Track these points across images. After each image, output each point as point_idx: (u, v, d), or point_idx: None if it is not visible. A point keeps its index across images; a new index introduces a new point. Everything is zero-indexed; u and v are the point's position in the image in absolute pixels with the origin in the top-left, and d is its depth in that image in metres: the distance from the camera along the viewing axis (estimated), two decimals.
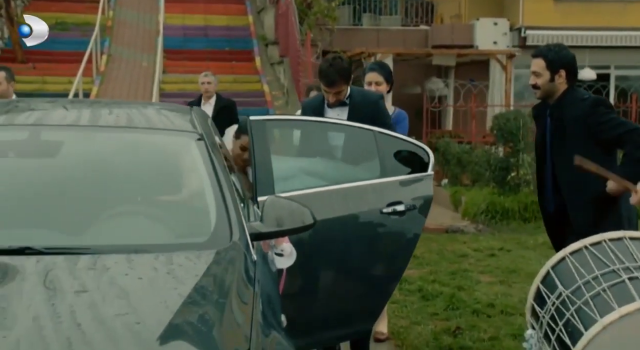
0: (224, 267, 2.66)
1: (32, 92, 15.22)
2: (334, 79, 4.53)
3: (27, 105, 3.69)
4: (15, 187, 3.01)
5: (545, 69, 4.08)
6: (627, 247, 2.51)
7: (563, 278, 2.53)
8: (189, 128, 3.36)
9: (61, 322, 2.17)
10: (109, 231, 2.84)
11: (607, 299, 2.37)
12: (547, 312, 2.53)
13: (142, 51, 17.49)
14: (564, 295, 2.47)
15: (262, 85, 16.29)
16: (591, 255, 2.53)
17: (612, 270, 2.45)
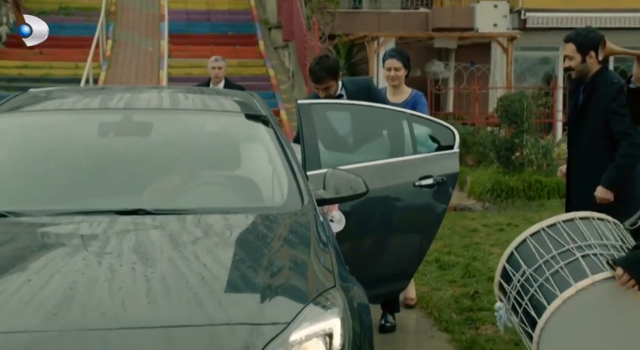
0: (301, 225, 3.29)
1: (40, 77, 15.79)
2: (321, 75, 5.14)
3: (113, 91, 4.30)
4: (117, 162, 3.64)
5: (576, 52, 4.59)
6: (578, 227, 2.87)
7: (526, 258, 2.89)
8: (257, 110, 3.99)
9: (191, 264, 2.81)
10: (200, 197, 3.47)
11: (565, 276, 2.75)
12: (513, 288, 2.91)
13: (147, 36, 18.00)
14: (527, 274, 2.84)
15: (266, 69, 16.82)
16: (548, 237, 2.88)
17: (567, 249, 2.81)
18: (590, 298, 2.66)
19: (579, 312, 2.65)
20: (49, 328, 2.36)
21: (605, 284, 2.63)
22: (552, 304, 2.67)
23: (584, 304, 2.65)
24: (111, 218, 3.14)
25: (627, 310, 2.63)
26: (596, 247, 2.72)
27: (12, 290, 2.55)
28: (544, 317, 2.68)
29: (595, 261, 2.67)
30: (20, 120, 3.86)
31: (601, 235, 2.77)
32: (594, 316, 2.67)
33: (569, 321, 2.66)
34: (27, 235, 3.03)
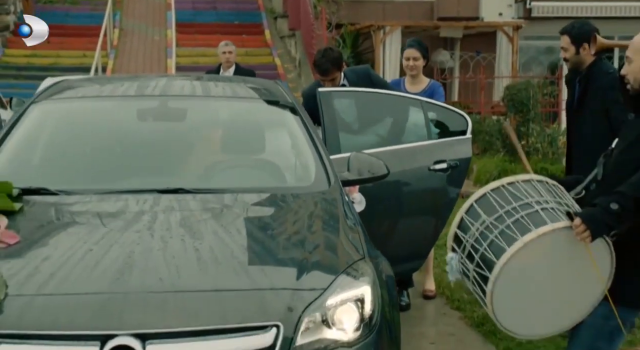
0: (329, 203, 3.59)
1: (48, 65, 16.08)
2: (327, 67, 5.47)
3: (147, 80, 4.61)
4: (156, 145, 3.94)
5: (571, 44, 4.89)
6: (535, 187, 3.06)
7: (485, 209, 3.03)
8: (284, 98, 4.29)
9: (234, 236, 3.12)
10: (234, 178, 3.78)
11: (525, 223, 2.91)
12: (471, 237, 3.02)
13: (153, 25, 18.28)
14: (488, 222, 2.98)
15: (273, 58, 17.11)
16: (508, 192, 3.04)
17: (526, 202, 2.98)
18: (547, 243, 2.87)
19: (536, 255, 2.85)
20: (114, 290, 2.67)
21: (563, 232, 2.85)
22: (512, 246, 2.85)
23: (541, 248, 2.86)
24: (155, 196, 3.44)
25: (575, 258, 2.88)
26: (551, 203, 2.93)
27: (77, 258, 2.86)
28: (504, 258, 2.85)
29: (552, 213, 2.88)
30: (65, 107, 4.17)
31: (555, 195, 2.99)
32: (547, 260, 2.90)
33: (525, 263, 2.86)
34: (81, 211, 3.33)
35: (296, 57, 16.85)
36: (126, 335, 2.51)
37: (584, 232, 2.85)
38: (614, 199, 2.89)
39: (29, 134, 3.92)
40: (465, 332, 5.12)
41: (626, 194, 2.89)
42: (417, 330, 5.03)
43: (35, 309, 2.63)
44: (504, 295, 2.91)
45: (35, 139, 3.93)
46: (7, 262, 2.82)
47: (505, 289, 2.88)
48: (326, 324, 2.79)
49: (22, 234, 3.02)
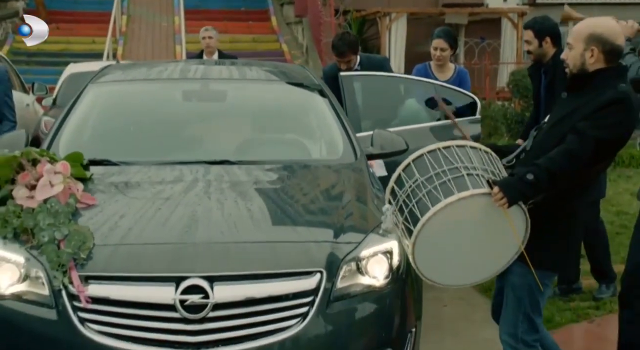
0: (357, 173, 4.16)
1: (59, 51, 16.62)
2: (344, 50, 6.07)
3: (188, 64, 5.16)
4: (201, 122, 4.50)
5: (534, 38, 5.34)
6: (467, 153, 3.30)
7: (419, 169, 3.27)
8: (312, 81, 4.85)
9: (279, 199, 3.69)
10: (272, 151, 4.34)
11: (450, 186, 3.17)
12: (404, 192, 3.29)
13: (160, 12, 18.80)
14: (419, 181, 3.23)
15: (280, 45, 17.65)
16: (442, 155, 3.29)
17: (455, 167, 3.23)
18: (466, 206, 3.13)
19: (455, 216, 3.13)
20: (185, 241, 3.23)
21: (482, 198, 3.13)
22: (435, 206, 3.12)
23: (460, 210, 3.13)
24: (205, 166, 4.00)
25: (493, 221, 3.16)
26: (478, 169, 3.20)
27: (149, 215, 3.42)
28: (427, 216, 3.12)
29: (476, 179, 3.16)
30: (118, 89, 4.73)
31: (484, 162, 3.27)
32: (466, 220, 3.17)
33: (445, 223, 3.13)
34: (144, 178, 3.89)
35: (303, 44, 17.37)
36: (197, 277, 3.08)
37: (501, 199, 3.12)
38: (530, 170, 3.13)
39: (87, 113, 4.47)
40: (474, 297, 5.69)
41: (541, 166, 3.13)
42: (431, 294, 5.57)
43: (119, 256, 3.20)
44: (425, 248, 3.16)
45: (92, 117, 4.48)
46: (90, 219, 3.38)
47: (426, 242, 3.17)
48: (360, 272, 3.36)
49: (96, 197, 3.58)
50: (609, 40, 3.23)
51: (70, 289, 3.10)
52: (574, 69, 3.30)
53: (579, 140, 3.14)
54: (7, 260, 3.23)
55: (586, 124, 3.15)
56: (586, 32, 3.26)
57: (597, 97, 3.19)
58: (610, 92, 3.18)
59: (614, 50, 3.25)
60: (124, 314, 3.06)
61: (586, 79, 3.27)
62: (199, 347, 3.05)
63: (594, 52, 3.23)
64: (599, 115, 3.15)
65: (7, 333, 3.17)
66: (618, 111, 3.17)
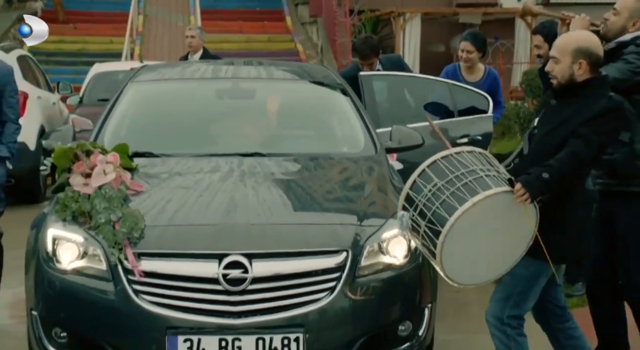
0: (377, 164, 4.61)
1: (77, 51, 17.15)
2: (367, 53, 6.57)
3: (219, 65, 5.64)
4: (233, 118, 4.97)
5: (544, 42, 5.57)
6: (477, 157, 3.50)
7: (437, 173, 3.39)
8: (334, 80, 5.31)
9: (308, 187, 4.15)
10: (300, 144, 4.81)
11: (473, 186, 3.29)
12: (423, 197, 3.38)
13: (176, 11, 19.31)
14: (440, 184, 3.35)
15: (295, 44, 18.11)
16: (456, 160, 3.45)
17: (472, 169, 3.36)
18: (491, 204, 3.32)
19: (481, 213, 3.32)
20: (225, 222, 3.70)
21: (504, 195, 3.34)
22: (464, 205, 3.28)
23: (485, 208, 3.31)
24: (239, 158, 4.47)
25: (512, 217, 3.39)
26: (492, 171, 3.41)
27: (192, 200, 3.90)
28: (456, 215, 3.27)
29: (495, 179, 3.38)
30: (155, 87, 5.21)
31: (493, 165, 3.48)
32: (490, 218, 3.37)
33: (472, 221, 3.31)
34: (184, 168, 4.36)
35: (318, 44, 17.83)
36: (237, 254, 3.54)
37: (523, 195, 3.32)
38: (545, 170, 3.37)
39: (127, 110, 4.94)
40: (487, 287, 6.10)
41: (554, 166, 3.39)
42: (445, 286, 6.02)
43: (168, 235, 3.67)
44: (452, 248, 3.32)
45: (133, 113, 4.95)
46: (140, 203, 3.84)
47: (454, 242, 3.31)
48: (382, 251, 3.82)
49: (143, 184, 4.04)
50: (594, 53, 3.53)
51: (125, 264, 3.57)
52: (562, 80, 3.56)
53: (584, 144, 3.42)
54: (68, 239, 3.71)
55: (589, 130, 3.42)
56: (573, 47, 3.53)
57: (590, 104, 3.48)
58: (605, 100, 3.49)
59: (599, 61, 3.58)
60: (173, 286, 3.53)
61: (576, 89, 3.55)
62: (239, 315, 3.51)
63: (582, 64, 3.51)
64: (599, 122, 3.44)
65: (69, 303, 3.64)
66: (615, 119, 3.50)
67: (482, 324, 5.36)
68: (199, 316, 3.50)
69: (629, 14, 4.01)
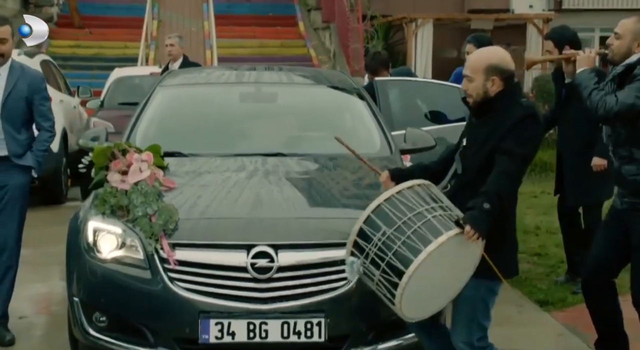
0: (392, 165, 4.89)
1: (92, 56, 17.55)
2: (377, 67, 7.11)
3: (242, 70, 6.02)
4: (256, 120, 5.34)
5: (554, 47, 6.01)
6: (419, 194, 3.49)
7: (383, 220, 3.41)
8: (351, 85, 5.68)
9: (326, 184, 4.52)
10: (318, 145, 5.16)
11: (423, 233, 3.34)
12: (374, 246, 3.40)
13: (190, 17, 19.69)
14: (389, 233, 3.37)
15: (307, 50, 18.47)
16: (399, 202, 3.44)
17: (419, 212, 3.39)
18: (445, 249, 3.36)
19: (436, 261, 3.42)
20: (253, 216, 4.06)
21: (456, 237, 3.37)
22: (418, 257, 3.31)
23: (440, 254, 3.35)
24: (262, 158, 4.83)
25: (464, 252, 3.49)
26: (438, 209, 3.43)
27: (222, 196, 4.26)
28: (412, 268, 3.32)
29: (442, 220, 3.39)
30: (183, 91, 5.59)
31: (435, 199, 3.50)
32: (443, 260, 3.45)
33: (428, 269, 3.35)
34: (212, 167, 4.72)
35: (330, 49, 18.19)
36: (264, 245, 3.89)
37: (474, 235, 3.39)
38: (484, 200, 3.43)
39: (157, 112, 5.31)
40: None
41: (490, 192, 3.45)
42: None
43: (200, 227, 4.03)
44: (411, 295, 3.41)
45: (162, 115, 5.32)
46: (173, 198, 4.21)
47: (411, 290, 3.39)
48: None
49: (175, 181, 4.41)
50: (505, 68, 3.63)
51: (161, 254, 3.94)
52: (477, 97, 3.67)
53: (509, 160, 3.50)
54: (107, 231, 4.08)
55: (510, 143, 3.50)
56: (484, 65, 3.64)
57: (505, 115, 3.58)
58: (517, 108, 3.58)
59: (511, 75, 3.67)
60: (205, 274, 3.89)
61: (491, 103, 3.64)
62: (266, 301, 3.86)
63: (495, 81, 3.61)
64: (516, 133, 3.52)
65: (109, 289, 4.01)
66: (530, 124, 3.57)
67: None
68: (229, 302, 3.85)
69: (632, 36, 4.15)
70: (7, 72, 4.92)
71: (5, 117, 4.89)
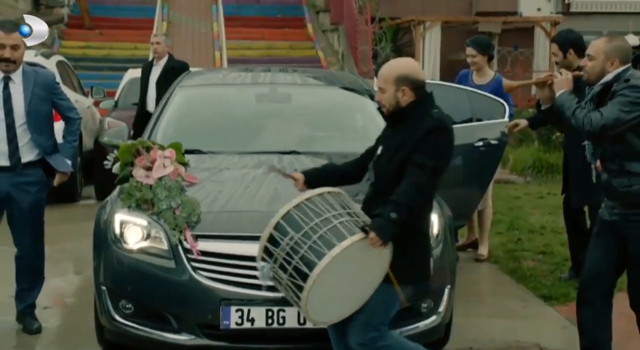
0: None
1: (103, 57, 17.86)
2: None
3: (257, 72, 6.30)
4: (272, 120, 5.61)
5: (559, 50, 6.25)
6: (327, 200, 3.61)
7: (292, 225, 3.53)
8: (362, 86, 5.95)
9: None
10: (330, 144, 5.44)
11: (329, 238, 3.47)
12: (282, 250, 3.52)
13: (199, 18, 20.00)
14: (296, 238, 3.49)
15: (316, 51, 18.74)
16: (308, 208, 3.57)
17: (326, 218, 3.52)
18: (350, 254, 3.49)
19: (341, 265, 3.48)
20: (271, 210, 4.30)
21: (361, 242, 3.50)
22: (322, 260, 3.43)
23: (346, 259, 3.48)
24: (278, 155, 5.09)
25: (369, 257, 3.57)
26: (345, 215, 3.57)
27: (240, 191, 4.53)
28: (317, 271, 3.44)
29: (347, 226, 3.52)
30: (201, 91, 5.87)
31: (344, 206, 3.64)
32: (348, 264, 3.53)
33: (334, 272, 3.48)
34: (231, 164, 5.00)
35: (339, 51, 18.47)
36: None
37: (378, 241, 3.52)
38: (392, 209, 3.56)
39: (176, 112, 5.60)
40: (501, 277, 6.76)
41: (400, 203, 3.57)
42: (464, 276, 6.63)
43: (222, 220, 4.31)
44: (317, 298, 3.53)
45: (182, 115, 5.60)
46: (195, 193, 4.48)
47: (318, 293, 3.51)
48: None
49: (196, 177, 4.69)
50: (415, 78, 3.77)
51: (184, 244, 4.22)
52: (390, 108, 3.81)
53: (420, 172, 3.62)
54: (133, 223, 4.36)
55: (421, 156, 3.62)
56: (394, 76, 3.75)
57: (416, 125, 3.70)
58: (427, 119, 3.70)
59: (421, 85, 3.80)
60: (226, 264, 4.17)
61: (403, 113, 3.78)
62: None
63: (405, 91, 3.74)
64: (426, 145, 3.64)
65: (135, 278, 4.29)
66: (440, 137, 3.70)
67: (493, 309, 6.01)
68: (249, 290, 4.13)
69: (604, 56, 4.23)
70: (20, 77, 4.98)
71: (30, 123, 4.96)
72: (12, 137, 4.93)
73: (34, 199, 5.09)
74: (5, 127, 4.91)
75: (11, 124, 4.92)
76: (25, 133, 4.97)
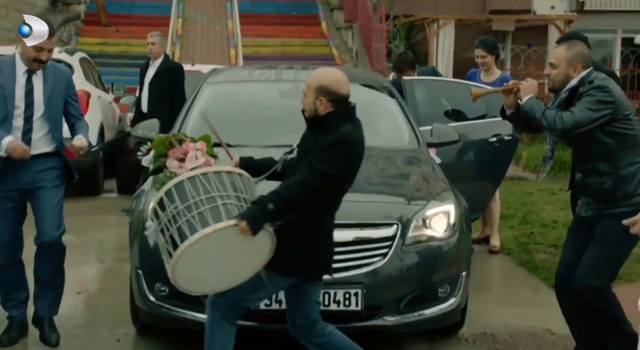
0: (420, 156, 5.54)
1: (119, 53, 18.20)
2: (404, 67, 7.69)
3: (280, 69, 6.62)
4: (294, 115, 5.90)
5: None
6: (222, 180, 3.74)
7: (180, 195, 3.68)
8: (383, 84, 6.26)
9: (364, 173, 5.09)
10: None
11: (207, 216, 3.60)
12: (166, 216, 3.66)
13: (214, 15, 20.33)
14: (180, 208, 3.64)
15: (330, 49, 19.02)
16: (200, 183, 3.70)
17: (212, 196, 3.66)
18: (220, 234, 3.62)
19: (210, 244, 3.63)
20: None
21: (233, 228, 3.64)
22: (193, 236, 3.59)
23: (215, 239, 3.62)
24: None
25: (242, 243, 3.68)
26: (232, 197, 3.71)
27: None
28: (186, 244, 3.60)
29: (229, 209, 3.67)
30: (228, 88, 6.19)
31: (237, 189, 3.76)
32: (221, 244, 3.67)
33: (202, 248, 3.63)
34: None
35: (353, 48, 18.76)
36: None
37: (247, 231, 3.64)
38: (270, 199, 3.70)
39: (204, 107, 5.91)
40: (513, 268, 7.07)
41: (280, 194, 3.73)
42: (478, 267, 6.94)
43: None
44: (184, 268, 3.70)
45: (209, 110, 5.89)
46: None
47: (186, 263, 3.69)
48: (425, 226, 4.77)
49: None
50: (334, 91, 3.91)
51: None
52: (309, 113, 4.00)
53: (309, 171, 3.77)
54: None
55: (315, 158, 3.80)
56: (315, 84, 3.93)
57: (326, 136, 3.86)
58: (335, 133, 3.85)
59: (340, 98, 3.94)
60: None
61: (320, 121, 3.97)
62: None
63: (322, 101, 3.91)
64: (326, 153, 3.81)
65: None
66: (340, 151, 3.83)
67: (506, 298, 6.32)
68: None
69: (567, 63, 4.42)
70: (42, 71, 5.06)
71: (47, 116, 5.05)
72: (28, 130, 5.04)
73: (52, 184, 5.08)
74: (24, 119, 5.03)
75: (30, 117, 5.04)
76: (43, 125, 5.08)
